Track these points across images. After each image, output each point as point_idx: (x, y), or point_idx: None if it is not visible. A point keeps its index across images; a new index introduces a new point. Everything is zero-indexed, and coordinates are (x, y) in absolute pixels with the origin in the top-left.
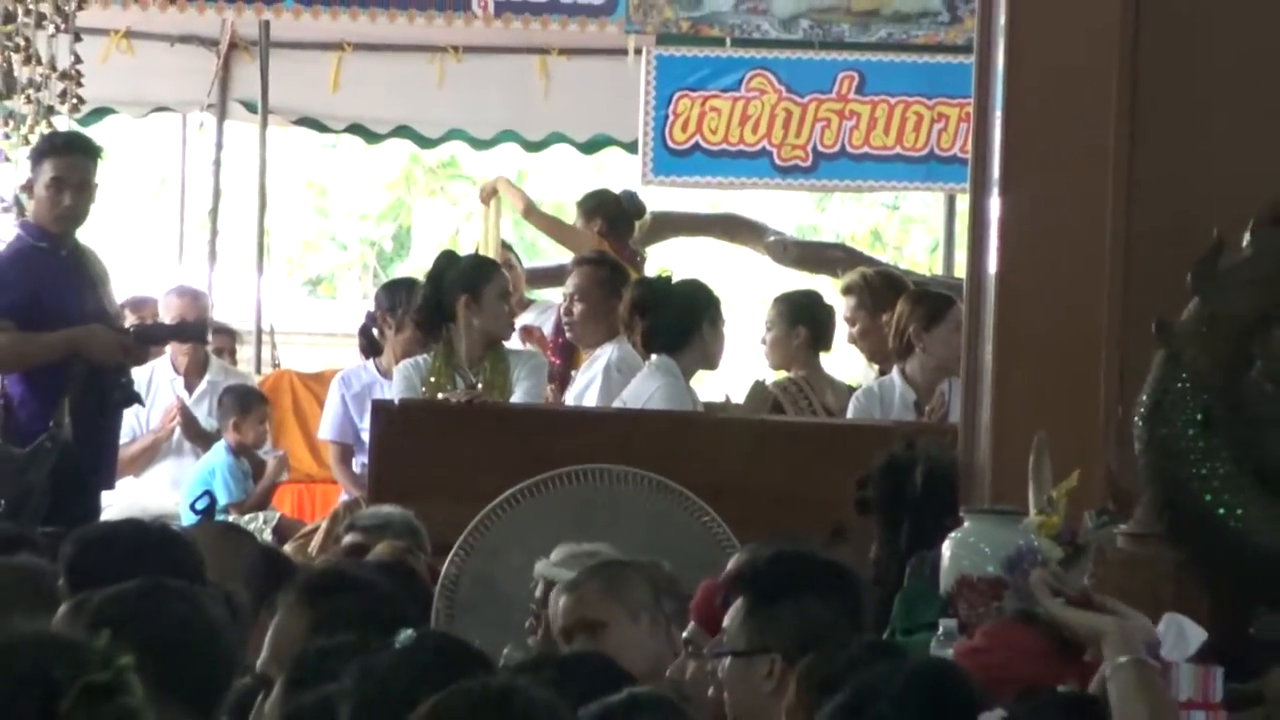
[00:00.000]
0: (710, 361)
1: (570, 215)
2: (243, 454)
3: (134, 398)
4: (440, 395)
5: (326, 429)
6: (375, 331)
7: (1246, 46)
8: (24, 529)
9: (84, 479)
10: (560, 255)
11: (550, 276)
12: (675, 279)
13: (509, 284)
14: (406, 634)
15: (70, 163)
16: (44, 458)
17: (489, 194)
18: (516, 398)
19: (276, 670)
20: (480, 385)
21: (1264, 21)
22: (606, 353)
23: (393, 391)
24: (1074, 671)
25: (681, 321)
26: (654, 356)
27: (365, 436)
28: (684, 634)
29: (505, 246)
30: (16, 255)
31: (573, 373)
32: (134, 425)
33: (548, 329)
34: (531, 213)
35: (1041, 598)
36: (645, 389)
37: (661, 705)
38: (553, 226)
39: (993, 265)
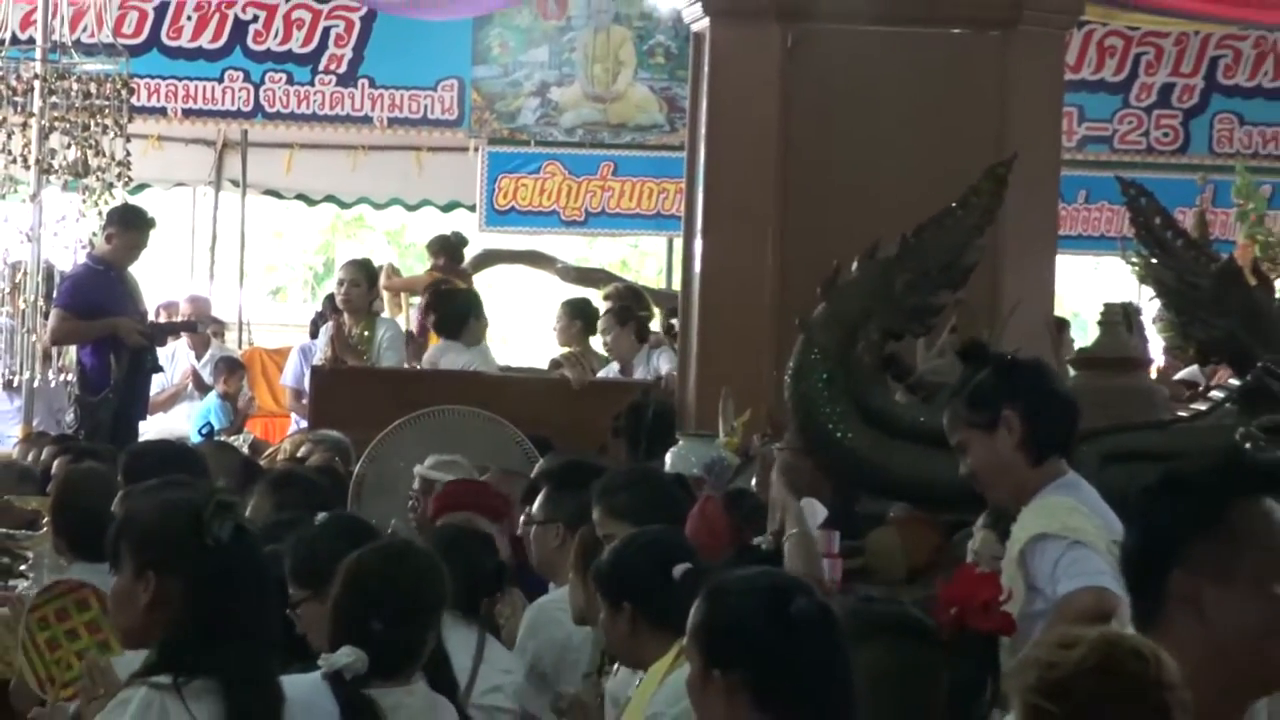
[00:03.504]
0: (477, 340)
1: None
2: (228, 399)
3: (158, 369)
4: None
5: (287, 378)
6: (319, 322)
7: (865, 135)
8: (95, 447)
9: (129, 415)
10: None
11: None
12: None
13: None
14: (322, 515)
15: (146, 237)
16: (108, 404)
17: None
18: (385, 358)
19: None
20: (353, 338)
21: (881, 118)
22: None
23: (318, 344)
24: (736, 538)
25: (458, 316)
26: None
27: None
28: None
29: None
30: (87, 275)
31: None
32: (164, 381)
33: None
34: (391, 279)
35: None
36: (461, 359)
37: None
38: (404, 282)
39: (697, 282)
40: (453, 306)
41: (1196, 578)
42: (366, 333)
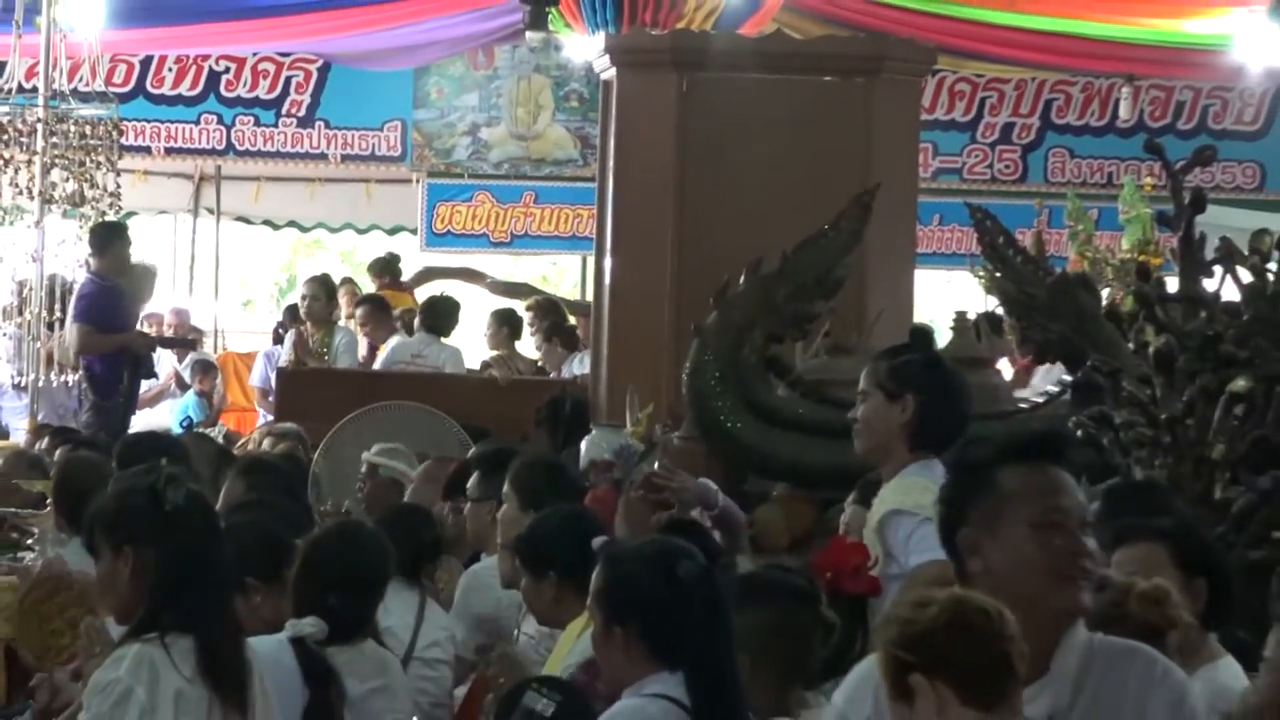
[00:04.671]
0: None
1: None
2: (204, 396)
3: (153, 374)
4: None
5: (255, 379)
6: (281, 331)
7: (750, 167)
8: (92, 438)
9: (129, 413)
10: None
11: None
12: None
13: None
14: (234, 518)
15: (130, 239)
16: (119, 407)
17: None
18: (341, 360)
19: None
20: (314, 344)
21: (763, 153)
22: (393, 341)
23: (282, 349)
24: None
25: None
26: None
27: (274, 384)
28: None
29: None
30: (99, 293)
31: (377, 352)
32: (152, 381)
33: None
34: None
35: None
36: (445, 354)
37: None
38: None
39: (607, 294)
40: (441, 309)
41: (977, 533)
42: (326, 339)
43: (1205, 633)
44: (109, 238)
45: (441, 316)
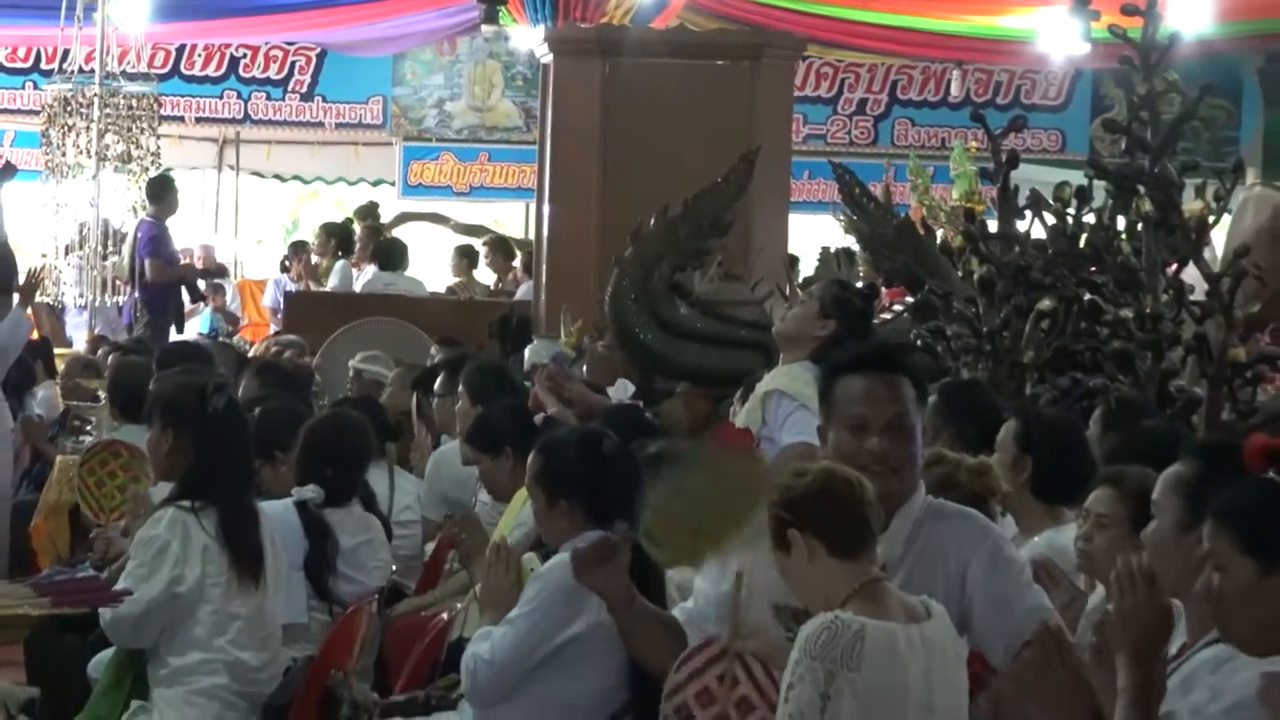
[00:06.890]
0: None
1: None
2: (218, 310)
3: (200, 298)
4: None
5: (267, 300)
6: (287, 263)
7: (658, 132)
8: (138, 346)
9: (169, 326)
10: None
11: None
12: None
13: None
14: (261, 406)
15: (178, 198)
16: (167, 322)
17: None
18: (332, 283)
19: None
20: (321, 272)
21: (669, 121)
22: (368, 273)
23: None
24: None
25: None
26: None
27: (282, 304)
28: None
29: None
30: (160, 233)
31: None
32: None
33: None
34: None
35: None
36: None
37: None
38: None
39: (546, 234)
40: (393, 251)
41: (825, 426)
42: (328, 269)
43: (1041, 502)
44: (164, 188)
45: (395, 256)
